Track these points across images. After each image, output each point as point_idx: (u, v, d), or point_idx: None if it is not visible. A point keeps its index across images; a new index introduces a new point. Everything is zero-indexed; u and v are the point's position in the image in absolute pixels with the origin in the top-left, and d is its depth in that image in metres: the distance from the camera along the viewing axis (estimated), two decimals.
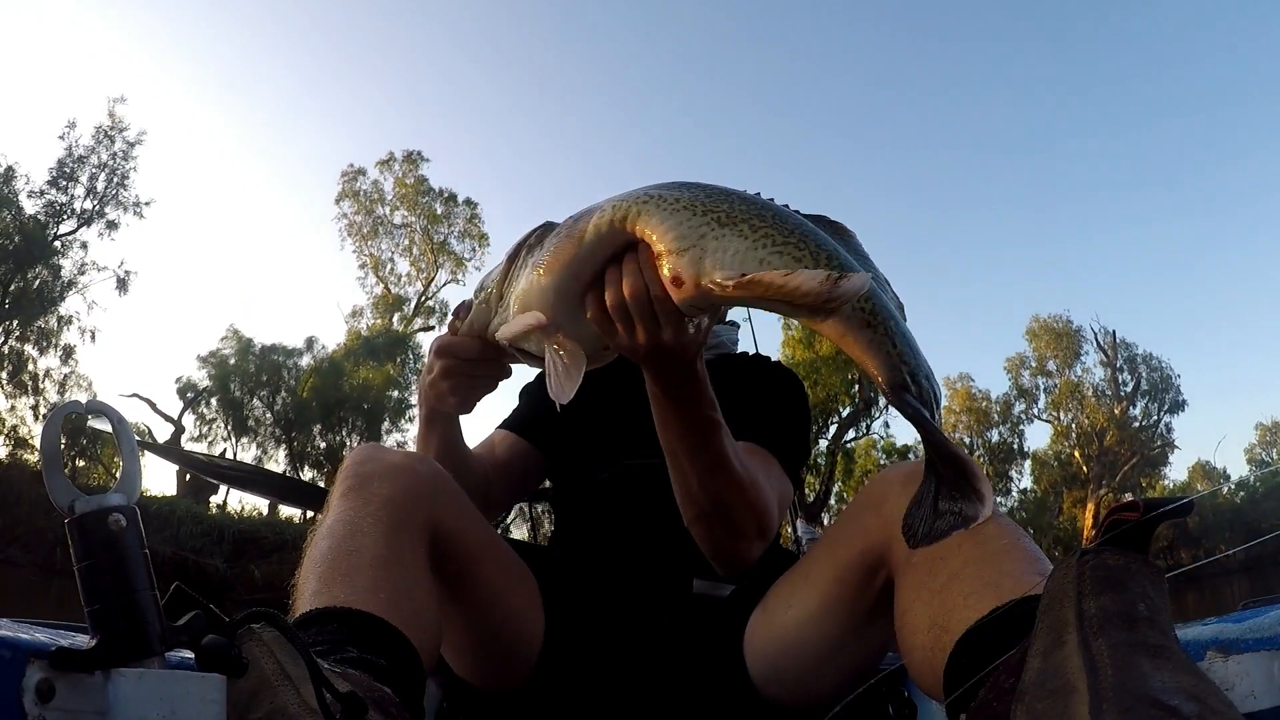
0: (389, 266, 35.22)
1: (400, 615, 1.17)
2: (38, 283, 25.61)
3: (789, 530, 4.19)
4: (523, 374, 2.06)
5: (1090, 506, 33.32)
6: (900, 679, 1.60)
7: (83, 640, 0.80)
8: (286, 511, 26.42)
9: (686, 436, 1.37)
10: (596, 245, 1.20)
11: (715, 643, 1.55)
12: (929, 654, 1.13)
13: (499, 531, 1.77)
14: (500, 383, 1.50)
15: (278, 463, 30.48)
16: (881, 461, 33.18)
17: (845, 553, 1.38)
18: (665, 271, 1.14)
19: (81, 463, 26.54)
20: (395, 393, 32.38)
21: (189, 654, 0.81)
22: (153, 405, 28.50)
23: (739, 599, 1.59)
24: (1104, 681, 0.75)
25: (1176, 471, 39.12)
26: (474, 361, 1.44)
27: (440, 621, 1.32)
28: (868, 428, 34.23)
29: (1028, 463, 37.24)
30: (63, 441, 0.86)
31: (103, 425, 0.89)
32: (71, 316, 26.44)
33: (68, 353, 26.54)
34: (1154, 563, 0.88)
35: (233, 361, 30.06)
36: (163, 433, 28.27)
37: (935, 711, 1.08)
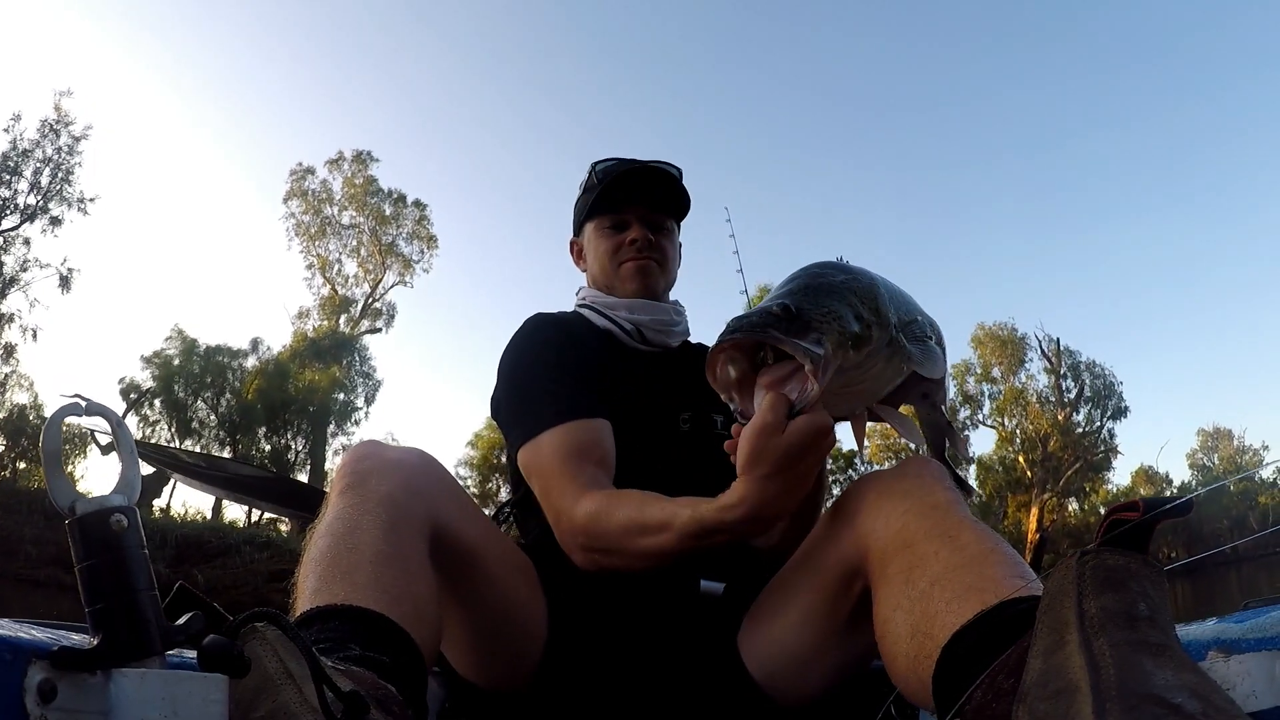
0: (336, 267, 34.96)
1: (402, 611, 1.15)
2: None
3: None
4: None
5: (1034, 510, 33.82)
6: None
7: (84, 640, 0.79)
8: (230, 514, 26.09)
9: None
10: None
11: (715, 640, 1.55)
12: (913, 662, 1.12)
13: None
14: None
15: None
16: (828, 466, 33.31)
17: (821, 562, 1.39)
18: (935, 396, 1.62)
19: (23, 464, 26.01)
20: (341, 395, 32.05)
21: (192, 654, 0.80)
22: None
23: (734, 595, 1.60)
24: (1106, 681, 0.75)
25: (1120, 476, 40.02)
26: None
27: (440, 617, 1.31)
28: None
29: (973, 468, 37.69)
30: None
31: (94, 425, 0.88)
32: (13, 314, 25.97)
33: (9, 351, 26.09)
34: (1154, 562, 0.89)
35: (177, 362, 29.62)
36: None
37: None
